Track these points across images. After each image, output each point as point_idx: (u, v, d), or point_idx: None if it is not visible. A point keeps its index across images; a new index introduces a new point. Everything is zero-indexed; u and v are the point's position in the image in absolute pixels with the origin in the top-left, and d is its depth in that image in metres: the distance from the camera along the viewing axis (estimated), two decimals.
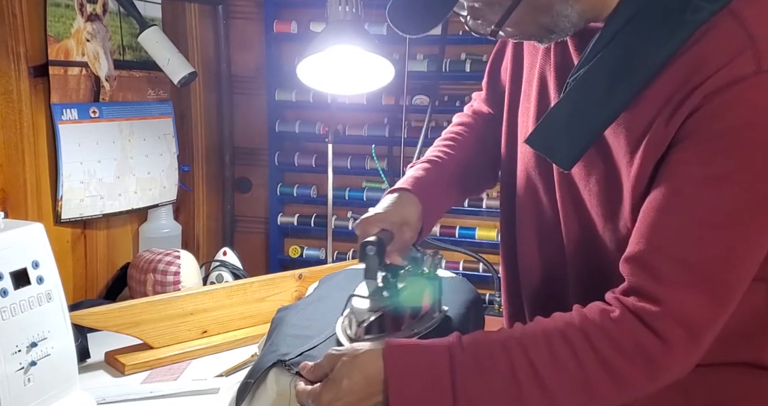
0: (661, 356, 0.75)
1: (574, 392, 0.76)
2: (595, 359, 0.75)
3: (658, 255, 0.76)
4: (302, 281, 1.58)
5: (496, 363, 0.77)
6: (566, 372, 0.76)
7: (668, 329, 0.74)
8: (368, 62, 1.52)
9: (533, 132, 0.85)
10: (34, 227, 1.07)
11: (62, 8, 1.54)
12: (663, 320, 0.74)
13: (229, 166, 2.14)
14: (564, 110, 0.83)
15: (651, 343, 0.75)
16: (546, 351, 0.77)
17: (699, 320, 0.75)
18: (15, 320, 1.00)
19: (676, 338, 0.74)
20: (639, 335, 0.75)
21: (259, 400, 0.98)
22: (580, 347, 0.76)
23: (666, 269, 0.75)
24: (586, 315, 0.78)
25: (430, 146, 1.19)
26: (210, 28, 2.06)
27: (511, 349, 0.78)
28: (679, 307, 0.74)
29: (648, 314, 0.75)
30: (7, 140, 1.47)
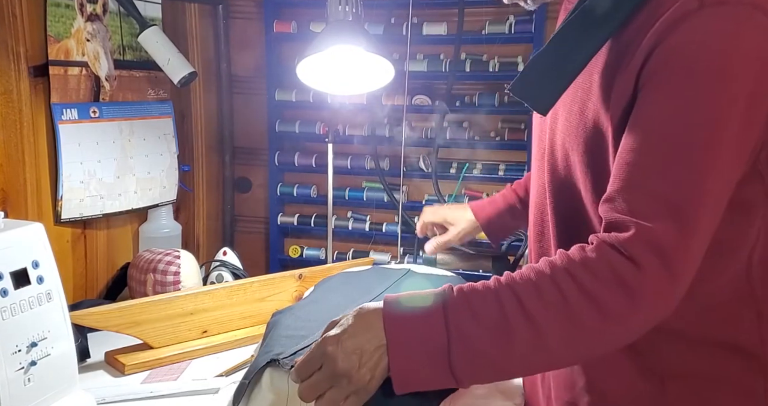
0: (634, 279, 0.77)
1: (560, 322, 0.79)
2: (575, 287, 0.79)
3: (630, 191, 0.80)
4: (302, 281, 1.58)
5: (486, 301, 0.82)
6: (550, 304, 0.79)
7: (639, 253, 0.77)
8: (368, 62, 1.52)
9: (515, 81, 0.89)
10: (34, 226, 1.07)
11: (62, 8, 1.55)
12: (633, 245, 0.78)
13: (229, 166, 2.14)
14: (543, 58, 0.87)
15: (623, 266, 0.78)
16: (531, 287, 0.81)
17: (668, 246, 0.77)
18: (15, 320, 1.00)
19: (647, 261, 0.77)
20: (613, 261, 0.78)
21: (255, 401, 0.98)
22: (561, 278, 0.80)
23: (638, 203, 0.79)
24: (567, 253, 0.83)
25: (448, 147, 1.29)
26: (210, 28, 2.06)
27: (500, 288, 0.82)
28: (648, 233, 0.77)
29: (620, 240, 0.78)
30: (7, 140, 1.47)
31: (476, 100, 1.91)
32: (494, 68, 1.87)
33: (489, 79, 1.93)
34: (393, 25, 1.93)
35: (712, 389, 0.89)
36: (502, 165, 1.92)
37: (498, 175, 1.91)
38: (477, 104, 1.91)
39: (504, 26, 1.85)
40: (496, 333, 0.80)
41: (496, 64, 1.87)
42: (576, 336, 0.80)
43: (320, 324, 1.02)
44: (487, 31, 1.87)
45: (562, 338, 0.79)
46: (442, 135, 1.93)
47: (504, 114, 1.92)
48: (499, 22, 1.86)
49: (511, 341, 0.79)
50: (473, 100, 1.92)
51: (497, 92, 1.89)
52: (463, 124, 1.96)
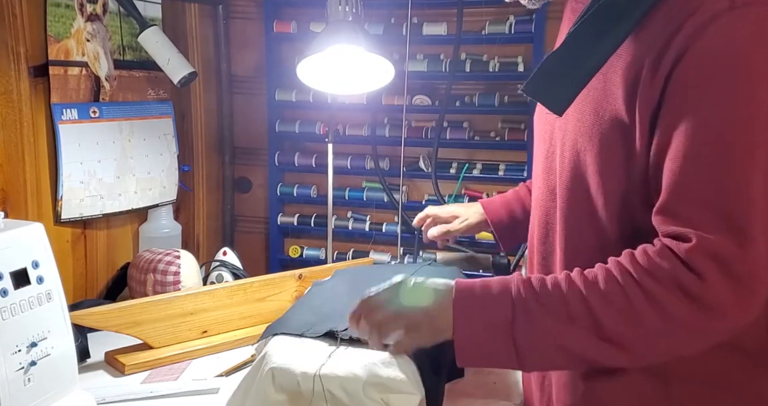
0: (697, 290, 0.78)
1: (621, 321, 0.81)
2: (638, 288, 0.81)
3: (681, 202, 0.80)
4: (302, 281, 1.58)
5: (552, 290, 0.85)
6: (612, 301, 0.82)
7: (700, 263, 0.78)
8: (368, 62, 1.52)
9: (529, 80, 0.88)
10: (34, 226, 1.07)
11: (62, 8, 1.55)
12: (695, 255, 0.78)
13: (229, 166, 2.14)
14: (558, 57, 0.87)
15: (685, 276, 0.79)
16: (594, 280, 0.84)
17: (728, 255, 0.77)
18: (15, 320, 1.00)
19: (708, 271, 0.78)
20: (675, 268, 0.80)
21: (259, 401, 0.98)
22: (624, 278, 0.82)
23: (691, 213, 0.79)
24: (632, 253, 0.84)
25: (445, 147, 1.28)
26: (210, 28, 2.06)
27: (566, 282, 0.85)
28: (708, 244, 0.78)
29: (682, 250, 0.79)
30: (7, 140, 1.47)
31: (476, 100, 1.91)
32: (494, 68, 1.87)
33: (489, 79, 1.92)
34: (393, 25, 1.93)
35: (718, 391, 0.88)
36: (502, 165, 1.92)
37: (498, 175, 1.91)
38: (477, 104, 1.91)
39: (504, 26, 1.85)
40: (558, 317, 0.83)
41: (496, 64, 1.87)
42: (636, 334, 0.82)
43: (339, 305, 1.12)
44: (487, 31, 1.86)
45: (621, 333, 0.82)
46: (442, 135, 1.93)
47: (504, 114, 1.92)
48: (499, 22, 1.86)
49: (572, 327, 0.83)
50: (473, 100, 1.92)
51: (497, 92, 1.89)
52: (463, 124, 1.96)
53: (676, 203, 0.81)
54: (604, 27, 0.84)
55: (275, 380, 0.96)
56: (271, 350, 1.01)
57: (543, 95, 0.88)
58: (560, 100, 0.87)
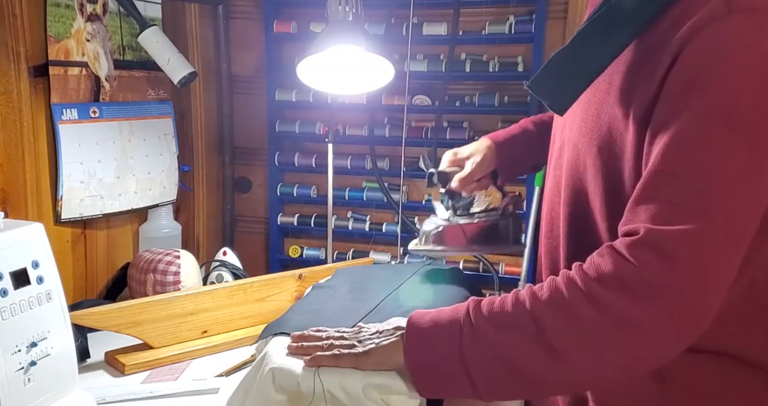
0: (631, 277, 0.76)
1: (558, 319, 0.80)
2: (578, 290, 0.80)
3: (653, 199, 0.78)
4: (302, 281, 1.58)
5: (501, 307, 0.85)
6: (552, 304, 0.81)
7: (640, 253, 0.76)
8: (368, 62, 1.52)
9: (534, 78, 0.88)
10: (34, 226, 1.07)
11: (62, 8, 1.55)
12: (635, 246, 0.77)
13: (229, 166, 2.14)
14: (564, 56, 0.87)
15: (623, 266, 0.77)
16: (539, 290, 0.83)
17: (674, 244, 0.75)
18: (15, 320, 1.00)
19: (648, 261, 0.76)
20: (614, 261, 0.78)
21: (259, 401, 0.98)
22: (567, 284, 0.81)
23: (658, 210, 0.77)
24: (579, 263, 0.84)
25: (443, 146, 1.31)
26: (210, 28, 2.06)
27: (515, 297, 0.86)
28: (655, 235, 0.76)
29: (625, 244, 0.78)
30: (7, 140, 1.47)
31: (476, 100, 1.91)
32: (494, 68, 1.87)
33: (489, 79, 1.92)
34: (393, 25, 1.93)
35: (716, 398, 0.87)
36: None
37: None
38: (477, 104, 1.91)
39: (504, 26, 1.85)
40: (503, 328, 0.83)
41: (496, 64, 1.87)
42: (576, 335, 0.79)
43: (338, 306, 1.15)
44: (487, 31, 1.86)
45: (561, 335, 0.79)
46: (441, 135, 1.93)
47: (504, 114, 1.92)
48: (499, 22, 1.86)
49: (515, 335, 0.82)
50: (473, 100, 1.92)
51: (497, 92, 1.89)
52: (463, 124, 1.96)
53: (646, 200, 0.79)
54: (611, 29, 0.83)
55: (275, 380, 0.96)
56: (272, 351, 1.01)
57: (547, 93, 0.88)
58: (562, 99, 0.87)
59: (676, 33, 0.78)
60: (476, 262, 1.95)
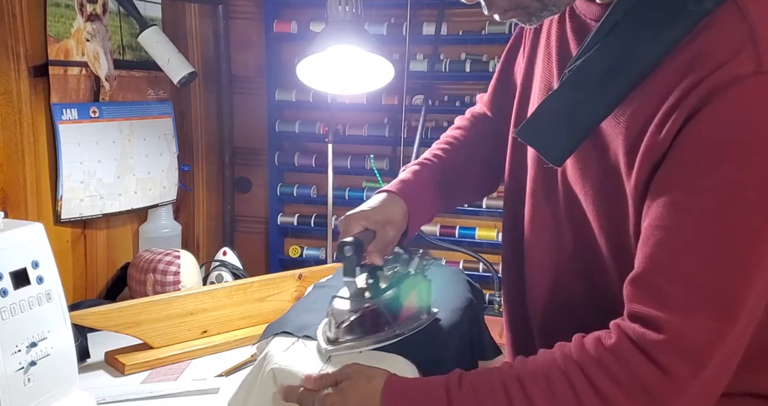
0: (662, 389, 0.70)
1: None
2: (594, 394, 0.72)
3: (660, 276, 0.71)
4: (302, 281, 1.58)
5: (494, 399, 0.75)
6: (561, 401, 0.73)
7: (670, 361, 0.70)
8: (368, 62, 1.52)
9: (524, 124, 0.81)
10: (34, 226, 1.07)
11: (62, 8, 1.54)
12: (664, 351, 0.70)
13: (228, 166, 2.14)
14: (557, 102, 0.79)
15: (651, 375, 0.70)
16: (544, 387, 0.74)
17: (704, 350, 0.69)
18: (15, 320, 1.00)
19: (678, 371, 0.70)
20: (637, 366, 0.71)
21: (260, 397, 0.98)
22: (577, 381, 0.73)
23: (669, 291, 0.70)
24: (583, 346, 0.75)
25: (427, 147, 1.20)
26: (210, 28, 2.06)
27: (509, 385, 0.75)
28: (682, 336, 0.69)
29: (649, 343, 0.70)
30: (7, 140, 1.47)
31: (476, 101, 1.90)
32: (494, 68, 1.87)
33: (489, 80, 1.91)
34: (393, 25, 1.93)
35: None
36: None
37: None
38: None
39: (504, 26, 1.85)
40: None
41: (496, 64, 1.87)
42: None
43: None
44: (487, 31, 1.86)
45: None
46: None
47: None
48: (498, 22, 1.85)
49: None
50: (473, 100, 1.92)
51: None
52: None
53: (655, 275, 0.71)
54: (611, 70, 0.75)
55: (277, 380, 0.96)
56: (273, 351, 1.01)
57: (540, 143, 0.80)
58: (559, 150, 0.79)
59: (692, 81, 0.70)
60: (476, 262, 1.95)
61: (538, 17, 0.84)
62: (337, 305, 0.96)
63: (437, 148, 1.15)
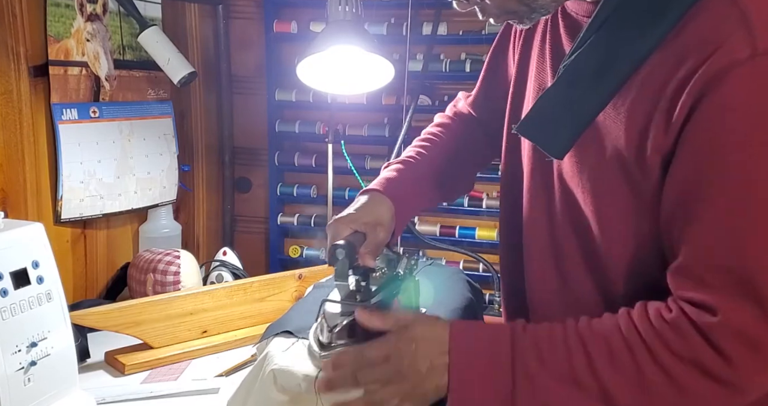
0: (720, 370, 0.72)
1: (632, 390, 0.74)
2: (653, 364, 0.74)
3: (702, 265, 0.73)
4: (302, 281, 1.58)
5: (554, 349, 0.77)
6: (622, 369, 0.75)
7: (726, 343, 0.71)
8: (368, 62, 1.52)
9: (523, 120, 0.82)
10: (34, 226, 1.07)
11: (62, 8, 1.54)
12: (720, 333, 0.71)
13: (228, 166, 2.14)
14: (554, 97, 0.80)
15: (708, 355, 0.72)
16: (605, 348, 0.76)
17: (755, 332, 0.71)
18: (15, 320, 1.00)
19: (735, 352, 0.71)
20: (696, 345, 0.72)
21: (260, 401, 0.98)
22: (637, 348, 0.75)
23: (715, 279, 0.72)
24: (645, 315, 0.76)
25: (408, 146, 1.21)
26: (210, 28, 2.05)
27: (570, 340, 0.77)
28: (735, 318, 0.71)
29: (705, 324, 0.72)
30: (7, 140, 1.47)
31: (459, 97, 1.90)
32: None
33: None
34: (393, 25, 1.93)
35: None
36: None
37: (497, 174, 1.90)
38: None
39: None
40: (563, 384, 0.76)
41: None
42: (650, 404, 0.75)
43: None
44: (487, 31, 1.86)
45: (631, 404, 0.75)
46: None
47: None
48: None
49: (578, 395, 0.75)
50: None
51: None
52: None
53: (696, 265, 0.73)
54: (605, 62, 0.76)
55: (277, 380, 0.96)
56: (273, 351, 1.01)
57: (539, 137, 0.81)
58: (559, 143, 0.80)
59: (690, 68, 0.71)
60: (476, 262, 1.95)
61: (530, 19, 0.86)
62: (328, 309, 0.95)
63: (418, 145, 1.16)
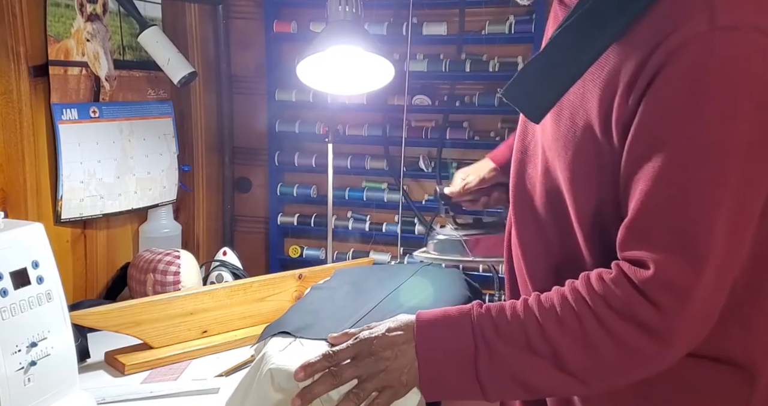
0: (651, 321, 0.79)
1: (577, 349, 0.82)
2: (593, 317, 0.81)
3: (646, 221, 0.80)
4: (302, 281, 1.58)
5: (510, 320, 0.86)
6: (568, 330, 0.82)
7: (657, 294, 0.78)
8: (368, 62, 1.52)
9: (508, 86, 0.88)
10: (34, 226, 1.07)
11: (62, 8, 1.55)
12: (653, 285, 0.78)
13: (228, 166, 2.14)
14: (538, 64, 0.86)
15: (641, 307, 0.79)
16: (552, 312, 0.84)
17: (686, 285, 0.77)
18: (15, 320, 1.00)
19: (665, 302, 0.78)
20: (630, 298, 0.79)
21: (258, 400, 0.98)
22: (579, 306, 0.82)
23: (654, 235, 0.79)
24: (588, 280, 0.84)
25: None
26: (210, 28, 2.06)
27: (524, 310, 0.86)
28: (667, 271, 0.77)
29: (640, 279, 0.79)
30: (7, 140, 1.47)
31: (476, 100, 1.91)
32: (494, 68, 1.87)
33: (489, 79, 1.92)
34: (393, 25, 1.93)
35: (698, 400, 0.88)
36: None
37: None
38: (477, 104, 1.91)
39: (504, 26, 1.85)
40: (520, 351, 0.84)
41: (496, 64, 1.87)
42: (593, 365, 0.83)
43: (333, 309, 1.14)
44: (487, 31, 1.86)
45: (579, 364, 0.82)
46: (443, 135, 1.93)
47: (504, 114, 1.92)
48: (499, 22, 1.85)
49: (533, 359, 0.83)
50: (473, 100, 1.92)
51: (497, 92, 1.89)
52: (462, 124, 1.96)
53: (641, 221, 0.80)
54: (586, 36, 0.83)
55: (274, 380, 0.97)
56: (270, 351, 1.01)
57: (521, 102, 0.87)
58: (538, 107, 0.87)
59: (655, 43, 0.77)
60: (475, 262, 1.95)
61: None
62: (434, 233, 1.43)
63: None
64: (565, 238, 0.93)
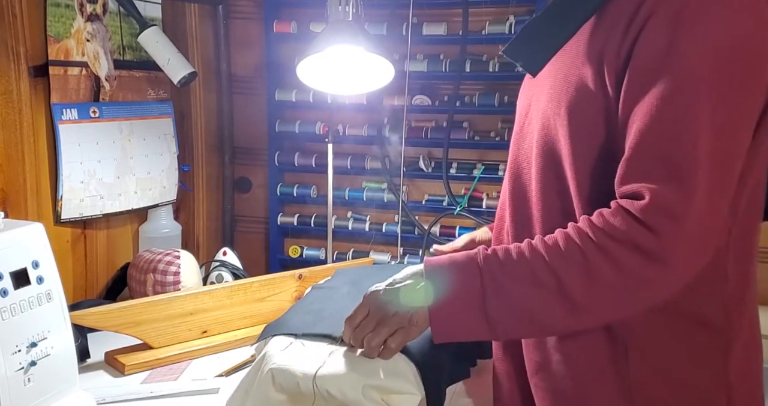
0: (650, 244, 0.82)
1: (581, 278, 0.85)
2: (595, 247, 0.84)
3: (639, 155, 0.84)
4: (302, 281, 1.58)
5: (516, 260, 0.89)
6: (572, 261, 0.85)
7: (653, 219, 0.81)
8: (368, 62, 1.52)
9: (510, 43, 0.93)
10: (34, 226, 1.07)
11: (62, 8, 1.55)
12: (648, 211, 0.82)
13: (228, 166, 2.14)
14: (537, 23, 0.93)
15: (639, 233, 0.82)
16: (555, 246, 0.87)
17: (679, 209, 0.81)
18: (15, 320, 1.00)
19: (661, 226, 0.81)
20: (629, 226, 0.83)
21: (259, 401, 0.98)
22: (581, 239, 0.86)
23: (646, 167, 0.83)
24: (589, 218, 0.87)
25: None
26: (210, 28, 2.06)
27: (528, 248, 0.90)
28: (661, 197, 0.81)
29: (635, 207, 0.83)
30: (7, 140, 1.47)
31: (476, 100, 1.91)
32: (494, 68, 1.87)
33: (489, 79, 1.92)
34: (393, 25, 1.93)
35: (674, 360, 0.90)
36: (502, 165, 1.92)
37: (498, 175, 1.91)
38: (477, 104, 1.91)
39: (504, 26, 1.85)
40: (525, 285, 0.87)
41: (496, 65, 1.87)
42: (598, 292, 0.85)
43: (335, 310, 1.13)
44: (487, 32, 1.86)
45: (584, 292, 0.85)
46: (443, 135, 1.93)
47: (504, 114, 1.92)
48: (499, 22, 1.85)
49: (538, 291, 0.87)
50: (473, 100, 1.92)
51: (497, 92, 1.89)
52: (463, 124, 1.96)
53: (635, 157, 0.84)
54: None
55: (275, 380, 0.97)
56: (271, 351, 1.01)
57: (521, 56, 0.93)
58: (536, 61, 0.92)
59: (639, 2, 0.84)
60: None
61: None
62: None
63: None
64: (566, 214, 0.95)
